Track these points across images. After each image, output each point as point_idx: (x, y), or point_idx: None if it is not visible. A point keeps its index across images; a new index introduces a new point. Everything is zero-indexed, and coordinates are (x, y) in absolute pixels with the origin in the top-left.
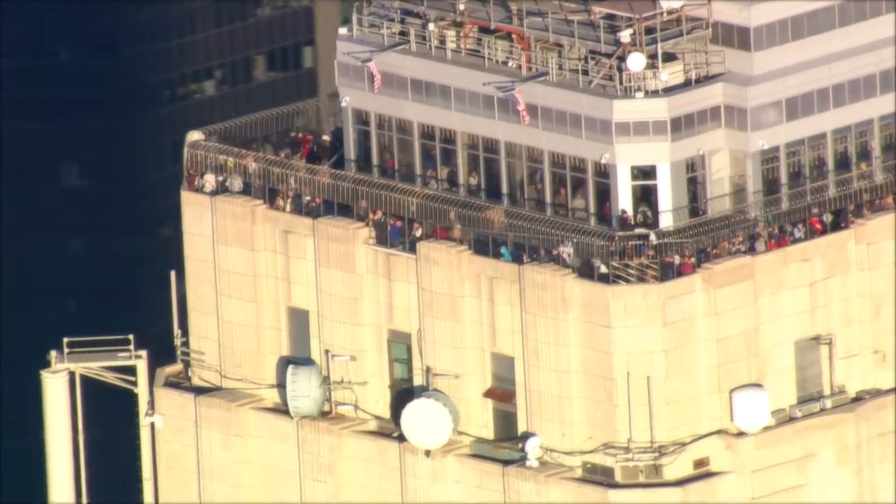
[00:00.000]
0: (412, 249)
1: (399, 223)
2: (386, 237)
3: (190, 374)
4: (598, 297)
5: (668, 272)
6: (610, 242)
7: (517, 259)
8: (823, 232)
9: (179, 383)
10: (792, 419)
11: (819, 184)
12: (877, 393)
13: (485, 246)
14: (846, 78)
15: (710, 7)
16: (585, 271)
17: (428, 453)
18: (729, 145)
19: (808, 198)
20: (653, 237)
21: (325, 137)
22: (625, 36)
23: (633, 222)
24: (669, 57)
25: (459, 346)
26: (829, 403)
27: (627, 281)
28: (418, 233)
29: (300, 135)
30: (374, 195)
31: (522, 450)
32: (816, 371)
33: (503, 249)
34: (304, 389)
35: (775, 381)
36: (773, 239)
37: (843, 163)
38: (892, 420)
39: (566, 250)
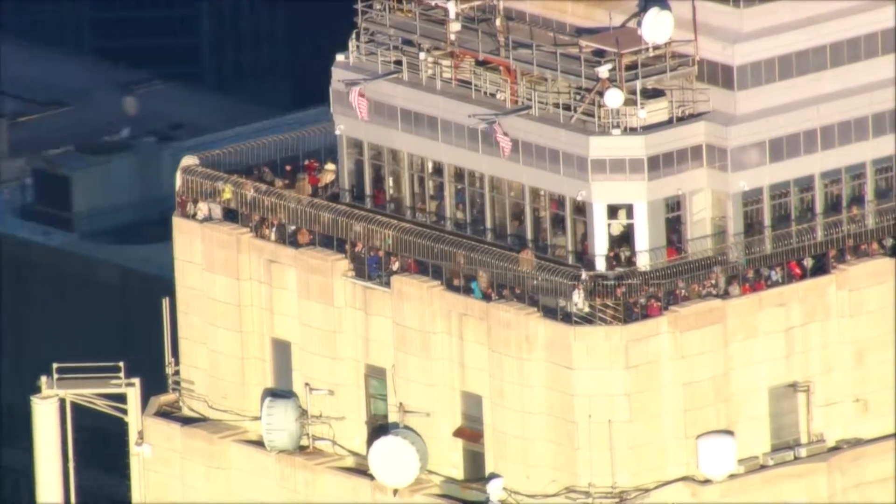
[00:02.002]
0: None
1: (378, 254)
2: (365, 270)
3: (180, 403)
4: (560, 337)
5: (632, 314)
6: (576, 282)
7: (488, 295)
8: (803, 277)
9: (172, 412)
10: (763, 467)
11: (802, 227)
12: (856, 442)
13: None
14: (836, 120)
15: (696, 44)
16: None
17: (395, 492)
18: (711, 185)
19: (793, 241)
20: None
21: (331, 166)
22: (603, 71)
23: (620, 262)
24: (657, 93)
25: (430, 384)
26: (803, 452)
27: (590, 322)
28: (395, 266)
29: (306, 162)
30: (352, 227)
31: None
32: (793, 419)
33: (473, 285)
34: (279, 423)
35: (748, 429)
36: (749, 283)
37: (834, 207)
38: (870, 471)
39: (577, 297)
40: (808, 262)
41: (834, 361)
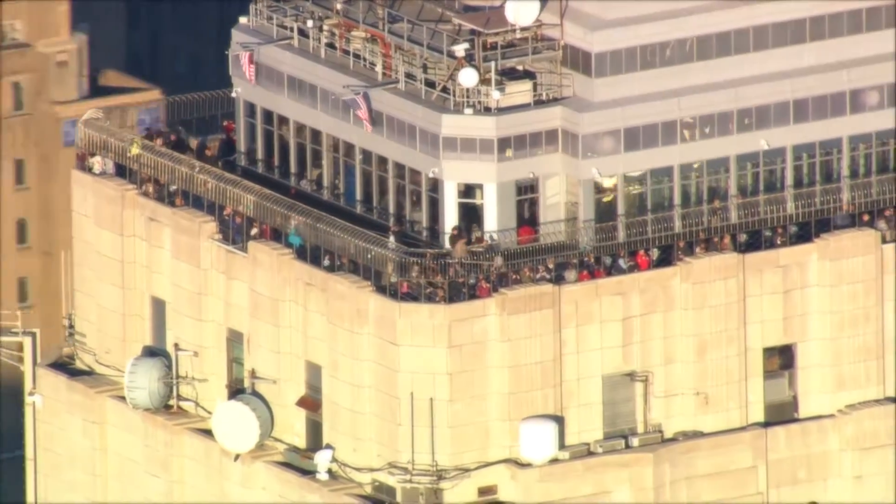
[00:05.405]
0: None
1: (239, 219)
2: (230, 233)
3: (74, 356)
4: (387, 313)
5: (460, 294)
6: (403, 257)
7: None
8: (647, 267)
9: (68, 364)
10: (591, 454)
11: (657, 216)
12: (693, 435)
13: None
14: (697, 113)
15: (562, 29)
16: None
17: (237, 457)
18: (565, 171)
19: (648, 230)
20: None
21: None
22: (459, 50)
23: (469, 241)
24: (527, 75)
25: (278, 351)
26: (636, 442)
27: (416, 299)
28: (254, 232)
29: (224, 122)
30: (219, 189)
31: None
32: (629, 408)
33: (291, 232)
34: (141, 382)
35: (578, 415)
36: (588, 269)
37: (697, 199)
38: (702, 465)
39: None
40: (654, 253)
41: (675, 353)
